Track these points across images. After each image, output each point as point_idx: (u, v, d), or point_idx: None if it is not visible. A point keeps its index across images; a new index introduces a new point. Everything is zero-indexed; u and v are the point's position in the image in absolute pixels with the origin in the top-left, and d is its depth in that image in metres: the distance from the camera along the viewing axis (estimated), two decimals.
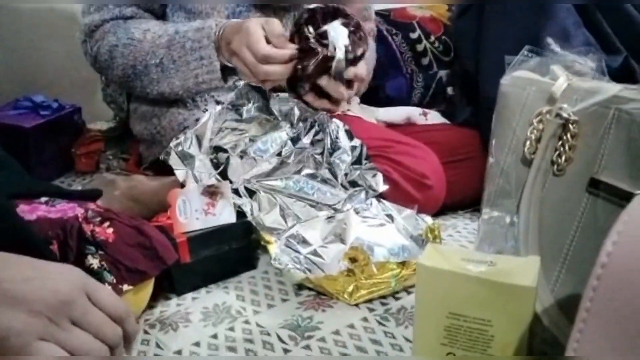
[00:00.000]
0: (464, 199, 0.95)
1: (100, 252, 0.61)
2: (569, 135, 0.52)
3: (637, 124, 0.47)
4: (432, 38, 1.20)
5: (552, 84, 0.54)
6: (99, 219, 0.64)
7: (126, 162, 1.14)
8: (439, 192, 0.87)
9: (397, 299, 0.69)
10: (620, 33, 0.96)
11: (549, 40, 0.95)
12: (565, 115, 0.52)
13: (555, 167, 0.53)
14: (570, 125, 0.52)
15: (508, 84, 0.58)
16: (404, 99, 1.16)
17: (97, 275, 0.60)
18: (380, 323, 0.63)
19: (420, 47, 1.19)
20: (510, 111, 0.57)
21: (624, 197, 0.47)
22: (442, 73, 1.19)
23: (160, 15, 0.98)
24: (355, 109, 1.02)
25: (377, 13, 1.19)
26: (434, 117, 1.07)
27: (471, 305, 0.46)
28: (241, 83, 0.87)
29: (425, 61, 1.19)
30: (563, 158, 0.52)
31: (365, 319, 0.64)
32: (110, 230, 0.63)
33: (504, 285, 0.45)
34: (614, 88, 0.50)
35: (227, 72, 0.91)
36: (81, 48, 0.99)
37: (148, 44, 0.91)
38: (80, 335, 0.43)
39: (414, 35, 1.20)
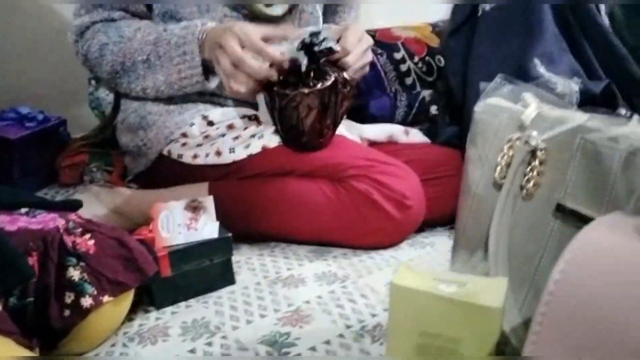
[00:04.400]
0: (442, 216, 0.97)
1: (82, 263, 0.62)
2: (537, 162, 0.54)
3: (599, 152, 0.49)
4: (416, 59, 1.23)
5: (523, 112, 0.57)
6: (80, 230, 0.65)
7: (110, 175, 1.15)
8: (419, 211, 0.89)
9: (373, 315, 0.70)
10: (602, 60, 0.99)
11: (536, 61, 0.99)
12: (533, 143, 0.54)
13: (524, 191, 0.55)
14: (538, 152, 0.54)
15: (481, 111, 0.60)
16: (387, 118, 1.19)
17: (77, 286, 0.61)
18: (355, 340, 0.65)
19: (404, 67, 1.22)
20: (483, 137, 0.60)
21: (587, 222, 0.50)
22: (425, 93, 1.22)
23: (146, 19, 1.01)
24: (340, 125, 1.03)
25: None
26: (416, 135, 1.09)
27: (442, 325, 0.48)
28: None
29: (409, 81, 1.22)
30: (531, 183, 0.54)
31: (341, 335, 0.66)
32: (92, 242, 0.64)
33: (472, 306, 0.46)
34: (580, 117, 0.53)
35: (210, 72, 0.94)
36: (73, 48, 1.03)
37: (137, 42, 0.95)
38: None
39: (398, 56, 1.23)
